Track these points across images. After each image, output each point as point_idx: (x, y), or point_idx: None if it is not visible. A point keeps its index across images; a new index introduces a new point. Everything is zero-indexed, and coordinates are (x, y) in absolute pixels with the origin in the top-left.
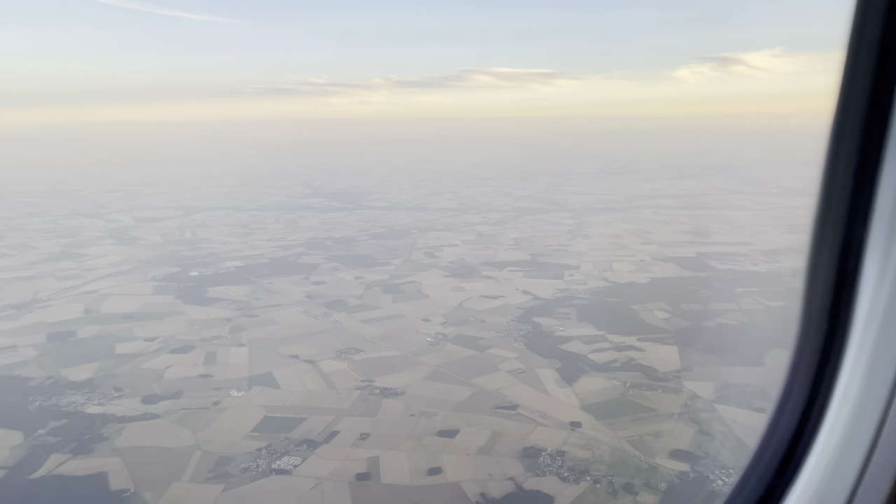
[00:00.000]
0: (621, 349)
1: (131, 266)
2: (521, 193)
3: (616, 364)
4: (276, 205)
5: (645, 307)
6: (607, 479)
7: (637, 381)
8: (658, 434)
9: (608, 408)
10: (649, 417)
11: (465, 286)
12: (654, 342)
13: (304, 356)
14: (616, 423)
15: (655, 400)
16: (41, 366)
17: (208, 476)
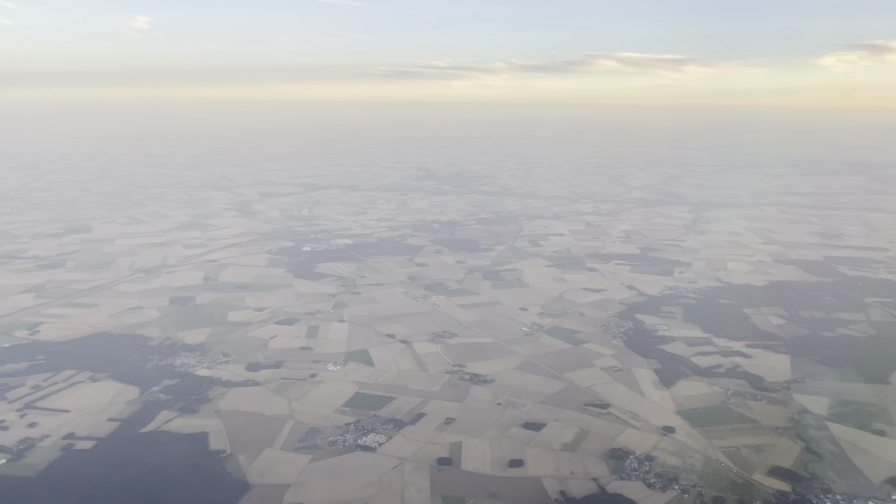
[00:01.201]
0: (727, 354)
1: (250, 238)
2: (638, 184)
3: (720, 369)
4: (389, 185)
5: (759, 311)
6: (696, 491)
7: (741, 390)
8: (759, 448)
9: (706, 415)
10: (750, 429)
11: (567, 277)
12: (764, 349)
13: (400, 336)
14: (713, 432)
15: (759, 411)
16: (161, 327)
17: (298, 446)
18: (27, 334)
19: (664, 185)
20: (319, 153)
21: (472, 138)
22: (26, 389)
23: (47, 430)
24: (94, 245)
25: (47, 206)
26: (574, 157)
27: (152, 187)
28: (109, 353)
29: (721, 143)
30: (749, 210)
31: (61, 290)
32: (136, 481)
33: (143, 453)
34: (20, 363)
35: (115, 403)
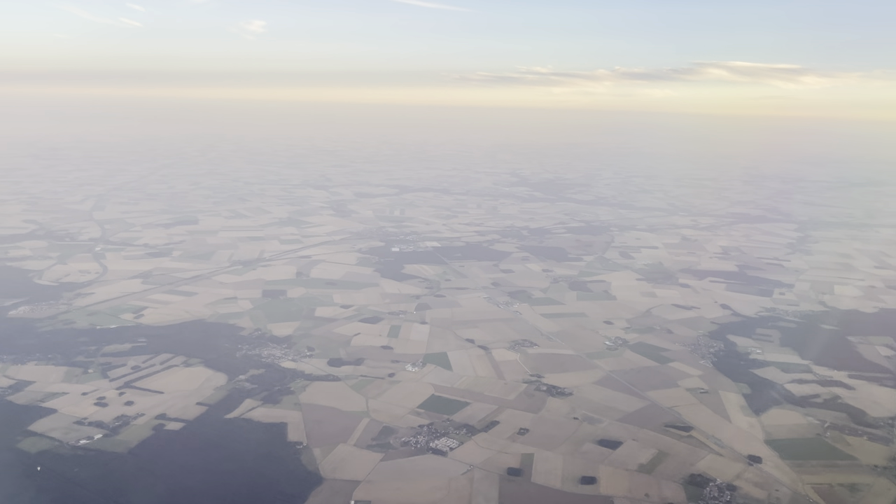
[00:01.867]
0: (827, 384)
1: (343, 237)
2: (741, 198)
3: (817, 399)
4: (481, 190)
5: (865, 340)
6: None
7: (839, 423)
8: (854, 487)
9: (798, 447)
10: (847, 466)
11: (657, 292)
12: (868, 381)
13: (480, 342)
14: (804, 466)
15: (858, 447)
16: (253, 318)
17: (371, 443)
18: (132, 317)
19: (770, 200)
20: (416, 156)
21: (570, 145)
22: (127, 369)
23: (142, 409)
24: (198, 236)
25: (160, 198)
26: (675, 168)
27: (256, 184)
28: (203, 340)
29: (837, 158)
30: (863, 231)
31: (166, 278)
32: (216, 465)
33: (225, 439)
34: (124, 344)
35: (205, 388)
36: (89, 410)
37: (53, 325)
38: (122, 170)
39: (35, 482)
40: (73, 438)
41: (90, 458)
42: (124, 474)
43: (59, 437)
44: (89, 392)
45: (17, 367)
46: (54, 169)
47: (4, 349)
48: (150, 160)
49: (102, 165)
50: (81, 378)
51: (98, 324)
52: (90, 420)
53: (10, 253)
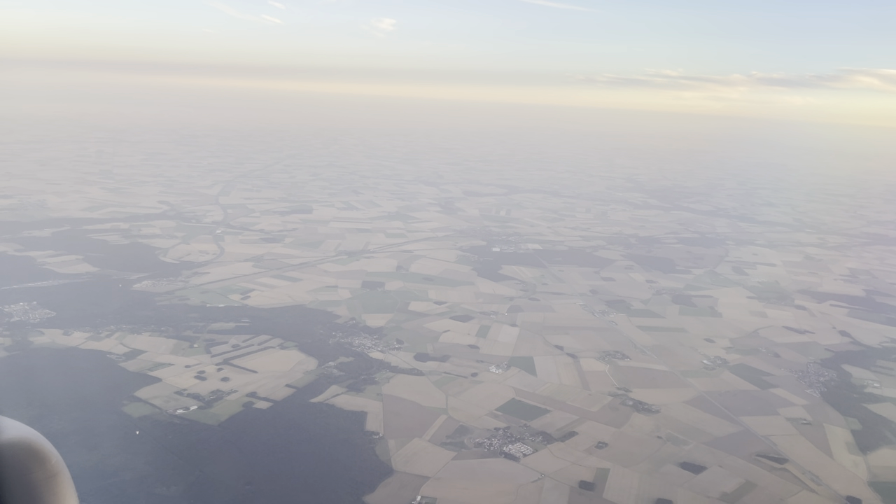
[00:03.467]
0: None
1: (446, 234)
2: (880, 218)
3: None
4: (592, 195)
5: None
6: None
7: None
8: None
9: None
10: None
11: (768, 312)
12: None
13: (569, 349)
14: None
15: None
16: (349, 307)
17: (445, 441)
18: (239, 298)
19: None
20: (530, 156)
21: (694, 152)
22: (227, 347)
23: (235, 386)
24: (310, 225)
25: (281, 186)
26: (807, 181)
27: (371, 177)
28: (300, 325)
29: None
30: None
31: (275, 263)
32: (295, 446)
33: (307, 422)
34: (228, 323)
35: (295, 371)
36: (189, 382)
37: (170, 301)
38: (251, 158)
39: (132, 445)
40: (172, 407)
41: (184, 427)
42: (211, 446)
43: (160, 405)
44: (192, 365)
45: (133, 337)
46: (191, 154)
47: (125, 319)
48: (277, 150)
49: (234, 153)
50: (187, 351)
51: (208, 302)
52: (189, 392)
53: (143, 231)
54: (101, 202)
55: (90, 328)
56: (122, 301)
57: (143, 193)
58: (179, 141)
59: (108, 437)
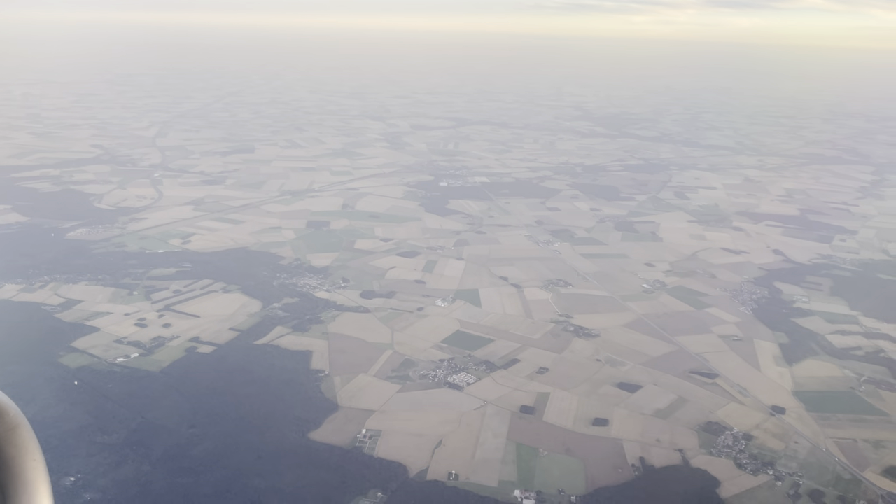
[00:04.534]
0: (872, 336)
1: (393, 170)
2: (818, 138)
3: (858, 352)
4: (540, 124)
5: None
6: (793, 480)
7: (877, 377)
8: (879, 444)
9: (827, 400)
10: (876, 422)
11: (707, 235)
12: None
13: (514, 280)
14: (830, 420)
15: (893, 403)
16: (294, 248)
17: (390, 375)
18: (180, 243)
19: (850, 140)
20: (479, 87)
21: (642, 78)
22: (169, 293)
23: (178, 331)
24: (253, 165)
25: (221, 126)
26: (750, 104)
27: (315, 113)
28: (244, 268)
29: None
30: None
31: (217, 206)
32: (239, 388)
33: (251, 364)
34: (169, 268)
35: (239, 315)
36: (129, 330)
37: (106, 248)
38: (190, 97)
39: (70, 395)
40: (111, 356)
41: (125, 375)
42: (153, 392)
43: (99, 354)
44: (132, 313)
45: (68, 287)
46: (125, 95)
47: (59, 269)
48: (217, 88)
49: (171, 92)
50: (126, 299)
51: (147, 248)
52: (129, 339)
53: (75, 177)
54: (30, 148)
55: (22, 280)
56: (55, 251)
57: (74, 137)
58: (113, 81)
59: (45, 390)
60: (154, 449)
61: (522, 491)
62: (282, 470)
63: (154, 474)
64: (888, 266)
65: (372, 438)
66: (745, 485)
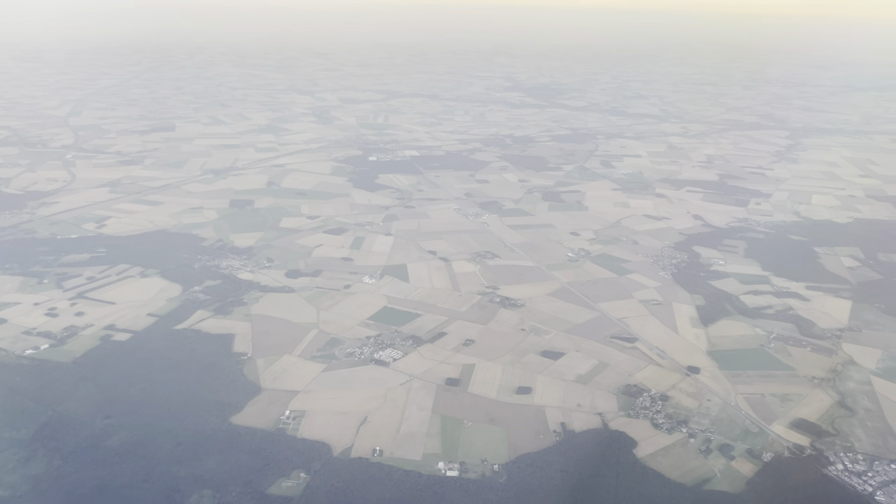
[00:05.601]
0: (782, 295)
1: (321, 145)
2: (738, 104)
3: (769, 311)
4: (471, 96)
5: (831, 251)
6: (704, 436)
7: (786, 334)
8: (786, 398)
9: (738, 358)
10: (783, 377)
11: (631, 202)
12: (825, 293)
13: (442, 253)
14: (741, 377)
15: (799, 358)
16: (216, 228)
17: (315, 354)
18: (94, 227)
19: (767, 106)
20: (410, 59)
21: (573, 48)
22: (82, 280)
23: (91, 319)
24: (173, 144)
25: (140, 103)
26: (675, 72)
27: (240, 88)
28: (163, 251)
29: (848, 61)
30: (856, 138)
31: (134, 187)
32: (157, 375)
33: (170, 349)
34: (82, 254)
35: (158, 299)
36: (39, 321)
37: (14, 235)
38: (105, 73)
39: None
40: (20, 348)
41: (34, 367)
42: (65, 384)
43: (6, 347)
44: (41, 302)
45: None
46: (35, 72)
47: None
48: (135, 63)
49: (85, 69)
50: (36, 288)
51: (59, 233)
52: (39, 330)
53: None
54: None
55: None
56: None
57: None
58: (21, 58)
59: None
60: (66, 442)
61: (446, 462)
62: (202, 456)
63: (66, 468)
64: (799, 227)
65: (296, 419)
66: (660, 443)
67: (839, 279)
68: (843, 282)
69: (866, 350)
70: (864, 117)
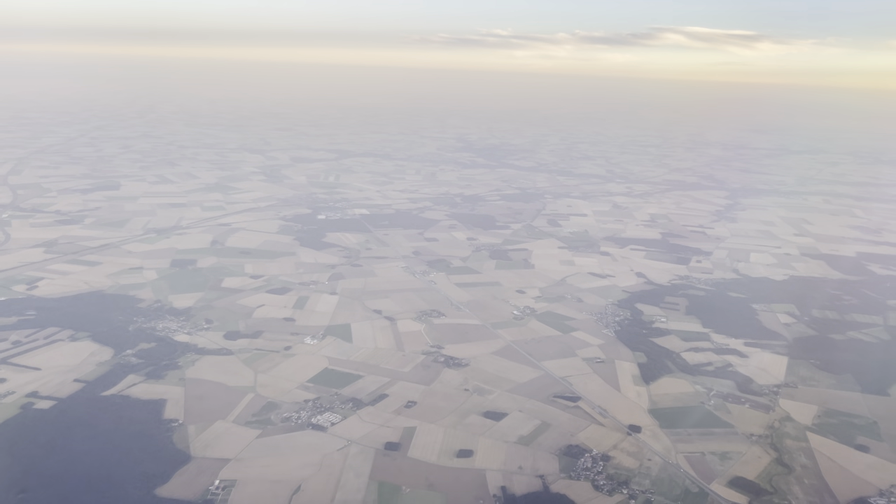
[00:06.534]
0: (721, 352)
1: (269, 204)
2: (680, 165)
3: (709, 368)
4: (423, 156)
5: (768, 308)
6: (645, 497)
7: (725, 391)
8: (725, 455)
9: (679, 415)
10: (723, 434)
11: (576, 260)
12: (762, 349)
13: (387, 312)
14: (681, 435)
15: (738, 415)
16: (155, 289)
17: (250, 420)
18: (25, 289)
19: (708, 167)
20: (364, 119)
21: (523, 111)
22: (7, 345)
23: (13, 387)
24: (116, 203)
25: (84, 162)
26: (622, 134)
27: (190, 147)
28: (97, 313)
29: (783, 125)
30: (790, 198)
31: (71, 247)
32: (80, 444)
33: (96, 417)
34: (10, 318)
35: (87, 364)
36: None
37: None
38: (51, 131)
39: None
40: None
41: None
42: None
43: None
44: None
45: None
46: None
47: None
48: (83, 122)
49: (30, 126)
50: None
51: None
52: None
53: None
54: None
55: None
56: None
57: None
58: None
59: None
60: None
61: None
62: None
63: None
64: (737, 284)
65: (225, 489)
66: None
67: (776, 335)
68: (780, 338)
69: (802, 406)
70: (798, 178)
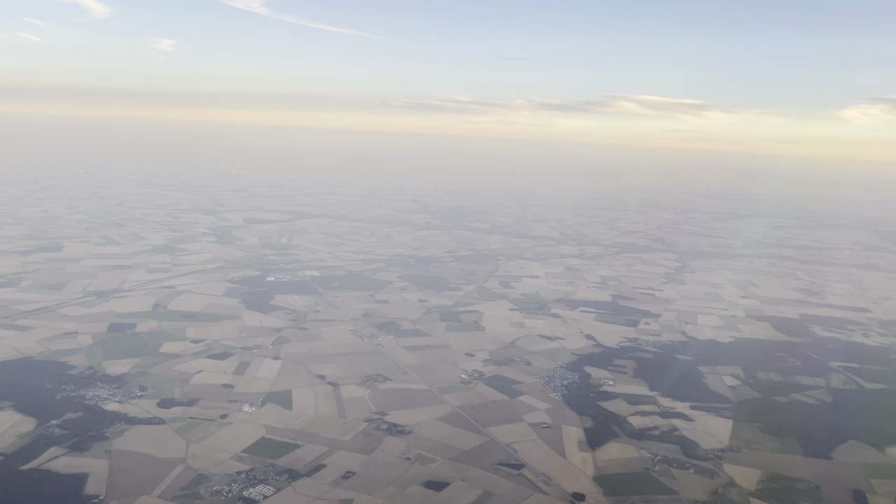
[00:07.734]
0: (668, 416)
1: (217, 266)
2: (632, 228)
3: (655, 432)
4: (379, 217)
5: (714, 371)
6: None
7: (670, 456)
8: None
9: (623, 482)
10: (667, 501)
11: (526, 322)
12: (707, 412)
13: (331, 378)
14: (625, 503)
15: (683, 481)
16: (88, 355)
17: (178, 494)
18: None
19: (658, 230)
20: (322, 181)
21: (480, 173)
22: None
23: None
24: (56, 265)
25: (27, 223)
26: (575, 198)
27: (140, 208)
28: (23, 381)
29: (731, 191)
30: (737, 261)
31: (3, 311)
32: None
33: (11, 494)
34: None
35: (7, 436)
36: None
37: None
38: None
39: None
40: None
41: None
42: None
43: None
44: None
45: None
46: None
47: None
48: (31, 182)
49: None
50: None
51: None
52: None
53: None
54: None
55: None
56: None
57: None
58: None
59: None
60: None
61: None
62: None
63: None
64: (685, 347)
65: None
66: None
67: (721, 398)
68: (725, 401)
69: (746, 471)
70: (745, 242)
